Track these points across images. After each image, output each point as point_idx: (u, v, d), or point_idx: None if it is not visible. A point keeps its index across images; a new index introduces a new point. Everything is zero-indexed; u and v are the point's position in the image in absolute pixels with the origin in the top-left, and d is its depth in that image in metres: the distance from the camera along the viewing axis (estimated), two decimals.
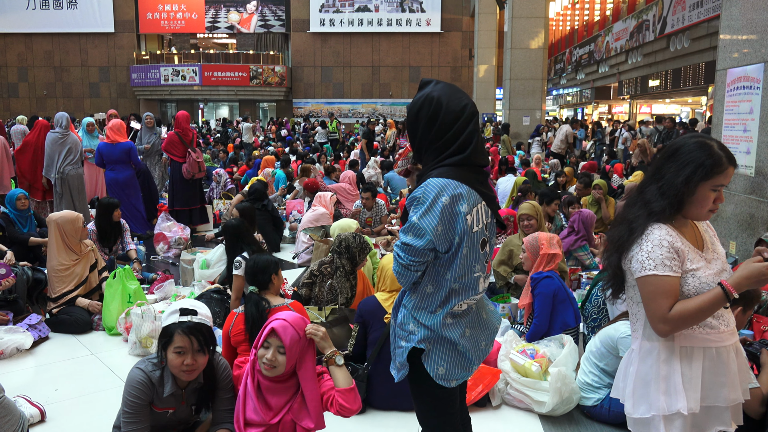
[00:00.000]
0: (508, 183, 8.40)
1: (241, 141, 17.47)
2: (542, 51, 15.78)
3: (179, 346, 2.50)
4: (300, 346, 2.49)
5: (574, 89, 29.43)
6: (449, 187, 1.95)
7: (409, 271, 2.02)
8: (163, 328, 2.56)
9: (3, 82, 30.81)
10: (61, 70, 30.61)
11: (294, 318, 2.55)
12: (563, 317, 3.90)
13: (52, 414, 3.37)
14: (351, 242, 4.36)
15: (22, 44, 30.33)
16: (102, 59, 30.48)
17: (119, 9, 29.90)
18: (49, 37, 30.15)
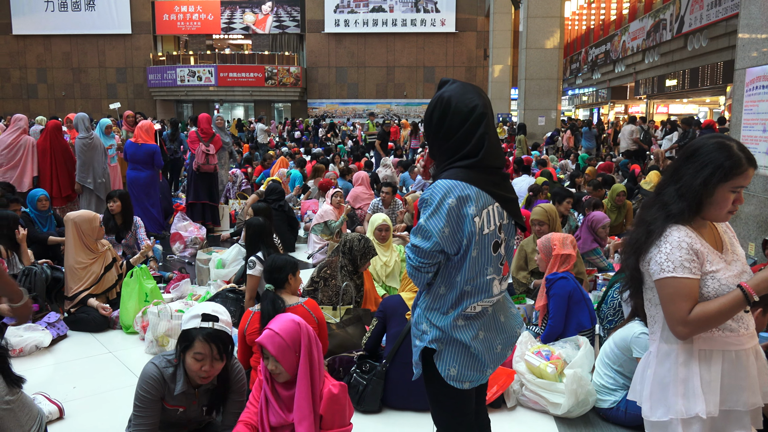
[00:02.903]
0: (523, 184, 8.36)
1: (255, 141, 17.54)
2: (558, 51, 15.68)
3: (199, 352, 2.52)
4: (292, 350, 2.52)
5: (589, 89, 29.23)
6: (456, 188, 1.94)
7: (420, 273, 2.03)
8: (184, 331, 2.57)
9: (23, 83, 31.21)
10: (80, 71, 30.95)
11: (283, 324, 2.56)
12: (578, 318, 3.88)
13: (70, 411, 3.41)
14: (355, 245, 4.38)
15: (41, 46, 30.71)
16: (119, 60, 30.78)
17: (136, 10, 30.17)
18: (68, 38, 30.50)
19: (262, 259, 4.32)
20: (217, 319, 2.58)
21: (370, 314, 4.27)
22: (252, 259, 4.39)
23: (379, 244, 5.37)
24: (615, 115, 26.37)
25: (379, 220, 5.43)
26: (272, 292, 3.37)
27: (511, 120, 22.14)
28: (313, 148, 16.52)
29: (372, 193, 8.51)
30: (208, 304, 2.68)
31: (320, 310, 3.50)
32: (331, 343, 3.77)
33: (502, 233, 2.06)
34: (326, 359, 3.71)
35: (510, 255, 2.16)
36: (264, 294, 3.37)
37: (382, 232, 5.39)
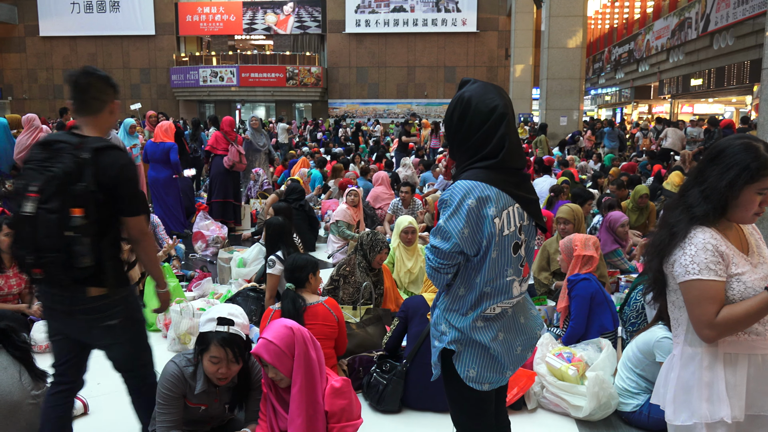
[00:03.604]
0: (544, 184, 8.29)
1: (276, 141, 17.64)
2: (580, 50, 15.53)
3: (214, 356, 2.56)
4: (288, 356, 2.56)
5: (613, 89, 28.92)
6: (476, 189, 1.93)
7: (439, 274, 2.03)
8: (201, 334, 2.62)
9: (49, 84, 31.77)
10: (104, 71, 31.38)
11: (276, 331, 2.60)
12: (601, 320, 3.84)
13: (94, 407, 3.47)
14: (364, 239, 4.42)
15: (67, 47, 31.23)
16: (143, 61, 31.17)
17: (160, 12, 30.53)
18: (93, 39, 30.96)
19: (282, 258, 4.35)
20: (233, 323, 2.61)
21: (390, 314, 4.28)
22: (272, 258, 4.42)
23: (405, 248, 5.22)
24: (638, 115, 26.05)
25: (405, 222, 5.26)
26: (293, 290, 3.39)
27: (533, 120, 21.98)
28: (334, 148, 16.56)
29: (392, 192, 8.52)
30: (224, 307, 2.70)
31: (340, 309, 3.51)
32: (351, 342, 3.78)
33: (523, 234, 2.05)
34: (346, 359, 3.72)
35: (530, 256, 2.15)
36: (284, 293, 3.40)
37: (408, 235, 5.22)
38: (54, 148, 2.37)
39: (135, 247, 2.56)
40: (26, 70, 31.68)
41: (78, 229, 2.28)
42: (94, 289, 2.41)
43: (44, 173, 2.31)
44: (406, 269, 5.17)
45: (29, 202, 2.28)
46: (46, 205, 2.27)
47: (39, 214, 2.27)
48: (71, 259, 2.29)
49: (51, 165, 2.32)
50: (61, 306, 2.43)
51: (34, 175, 2.32)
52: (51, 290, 2.42)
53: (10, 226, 2.49)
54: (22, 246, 2.33)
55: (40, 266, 2.31)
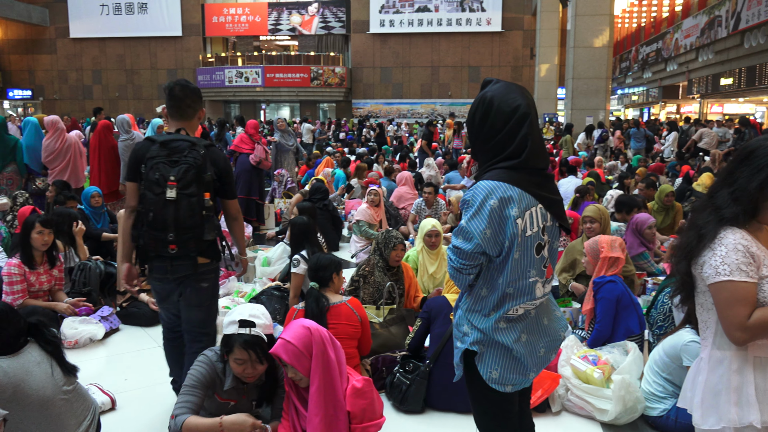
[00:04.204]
0: (569, 185, 8.22)
1: (301, 141, 17.75)
2: (607, 49, 15.36)
3: (238, 357, 2.61)
4: (306, 356, 2.57)
5: (640, 88, 28.55)
6: (498, 190, 1.92)
7: (461, 274, 2.03)
8: (224, 336, 2.66)
9: (79, 84, 32.38)
10: (132, 72, 31.92)
11: (294, 332, 2.62)
12: (627, 323, 3.79)
13: (121, 402, 3.53)
14: (379, 238, 4.42)
15: (96, 48, 31.80)
16: (170, 62, 31.59)
17: (186, 13, 30.91)
18: (121, 41, 31.48)
19: (306, 257, 4.37)
20: (254, 325, 2.63)
21: (413, 314, 4.28)
22: (296, 257, 4.45)
23: (428, 252, 5.10)
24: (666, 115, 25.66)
25: (429, 225, 5.07)
26: (316, 290, 3.41)
27: (558, 120, 21.78)
28: (357, 148, 16.59)
29: (416, 193, 8.51)
30: (246, 308, 2.73)
31: (363, 309, 3.52)
32: (374, 342, 3.78)
33: (546, 235, 2.03)
34: (369, 358, 3.73)
35: (554, 257, 2.13)
36: (308, 292, 3.42)
37: (432, 238, 5.05)
38: (172, 147, 2.83)
39: (232, 223, 3.18)
40: (57, 71, 32.34)
41: (209, 210, 2.85)
42: (201, 259, 2.94)
43: (177, 165, 2.77)
44: (429, 274, 5.08)
45: (171, 189, 2.75)
46: (186, 191, 2.76)
47: (180, 198, 2.76)
48: (202, 233, 2.83)
49: (180, 159, 2.79)
50: (173, 274, 2.91)
51: (167, 168, 2.77)
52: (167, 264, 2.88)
53: (149, 212, 2.82)
54: (162, 226, 2.78)
55: (177, 242, 2.79)
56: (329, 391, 2.58)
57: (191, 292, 2.99)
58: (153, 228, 2.80)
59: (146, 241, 2.87)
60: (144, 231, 2.85)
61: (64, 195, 6.08)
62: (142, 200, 2.87)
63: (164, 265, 2.90)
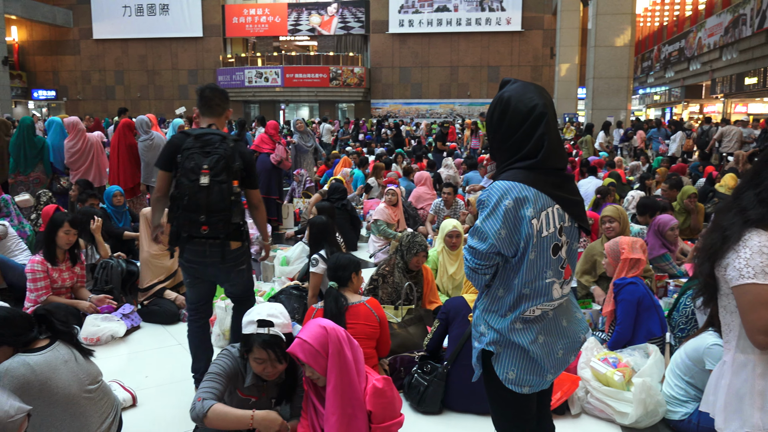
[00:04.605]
0: (589, 186, 8.14)
1: (320, 141, 17.81)
2: (628, 48, 15.19)
3: (258, 357, 2.63)
4: (323, 355, 2.58)
5: (662, 88, 28.21)
6: (513, 190, 1.92)
7: (476, 274, 2.03)
8: (243, 336, 2.68)
9: (101, 85, 32.81)
10: (154, 73, 32.26)
11: (311, 331, 2.62)
12: (648, 326, 3.75)
13: (142, 399, 3.57)
14: (402, 240, 4.41)
15: (119, 49, 32.19)
16: (191, 62, 31.88)
17: (207, 14, 31.17)
18: (143, 42, 31.84)
19: (325, 257, 4.38)
20: (273, 324, 2.65)
21: (431, 314, 4.27)
22: (315, 257, 4.46)
23: (449, 253, 5.07)
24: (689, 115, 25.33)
25: (450, 226, 5.02)
26: (335, 289, 3.42)
27: (578, 120, 21.60)
28: (376, 148, 16.61)
29: (434, 193, 8.50)
30: (264, 308, 2.75)
31: (382, 309, 3.52)
32: (393, 342, 3.78)
33: (564, 236, 2.02)
34: (387, 358, 3.73)
35: (573, 258, 2.11)
36: (327, 292, 3.43)
37: (453, 239, 5.00)
38: (205, 139, 3.16)
39: (254, 211, 3.47)
40: (80, 72, 32.80)
41: (236, 196, 3.16)
42: (234, 243, 3.25)
43: (210, 156, 3.10)
44: (449, 275, 5.05)
45: (204, 176, 3.07)
46: (217, 178, 3.08)
47: (212, 184, 3.07)
48: (230, 217, 3.13)
49: (212, 150, 3.12)
50: (211, 258, 3.23)
51: (201, 158, 3.10)
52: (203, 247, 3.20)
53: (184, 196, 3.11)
54: (195, 209, 3.09)
55: (208, 224, 3.11)
56: (346, 390, 2.59)
57: (235, 276, 3.36)
58: (187, 210, 3.10)
59: (180, 223, 3.15)
60: (179, 214, 3.14)
61: (86, 194, 6.16)
62: (178, 186, 3.14)
63: (201, 248, 3.20)
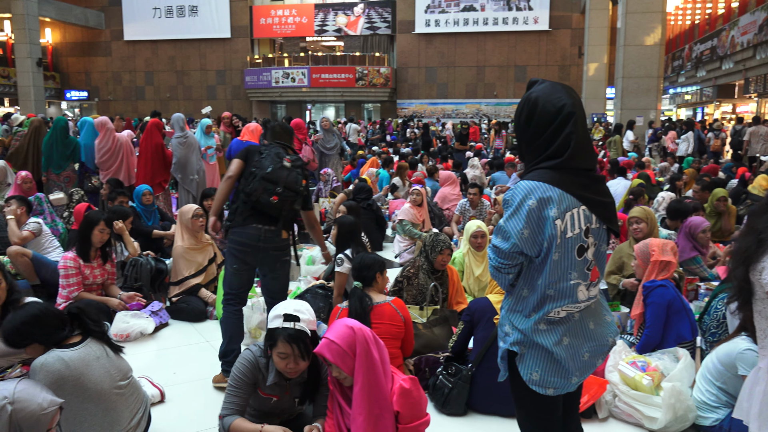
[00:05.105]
0: (618, 187, 8.03)
1: (347, 141, 17.86)
2: (659, 47, 14.94)
3: (282, 351, 2.63)
4: (350, 355, 2.57)
5: (693, 87, 27.68)
6: (537, 190, 1.91)
7: (500, 273, 2.03)
8: (269, 330, 2.69)
9: (132, 86, 33.36)
10: (183, 74, 32.70)
11: (338, 331, 2.62)
12: (678, 329, 3.68)
13: (170, 395, 3.62)
14: (426, 240, 4.40)
15: (149, 50, 32.70)
16: (219, 63, 32.23)
17: (235, 15, 31.47)
18: (172, 43, 32.28)
19: (351, 256, 4.40)
20: (299, 319, 2.66)
21: (457, 315, 4.25)
22: (340, 256, 4.48)
23: (475, 254, 5.04)
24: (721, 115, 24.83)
25: (474, 227, 5.00)
26: (360, 289, 3.42)
27: (606, 120, 21.32)
28: (402, 148, 16.60)
29: (460, 193, 8.46)
30: (291, 303, 2.76)
31: (407, 309, 3.51)
32: (418, 343, 3.78)
33: (590, 237, 1.99)
34: (412, 359, 3.73)
35: (601, 261, 2.08)
36: (352, 291, 3.43)
37: (478, 239, 4.98)
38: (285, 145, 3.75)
39: (312, 230, 4.05)
40: (111, 73, 33.39)
41: (304, 189, 3.64)
42: (285, 233, 3.66)
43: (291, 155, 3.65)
44: (475, 276, 5.02)
45: (288, 162, 3.55)
46: (296, 167, 3.59)
47: (291, 169, 3.55)
48: (295, 199, 3.56)
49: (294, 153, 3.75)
50: (265, 243, 3.58)
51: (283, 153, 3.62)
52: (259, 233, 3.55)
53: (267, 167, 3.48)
54: (275, 180, 3.46)
55: (279, 195, 3.47)
56: (373, 390, 2.59)
57: (279, 265, 3.70)
58: (267, 180, 3.47)
59: (255, 188, 3.47)
60: (254, 182, 3.48)
61: (116, 192, 6.27)
62: (259, 164, 3.51)
63: (256, 233, 3.54)
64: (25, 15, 25.91)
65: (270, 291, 3.78)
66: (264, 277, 3.76)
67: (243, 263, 3.63)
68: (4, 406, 1.93)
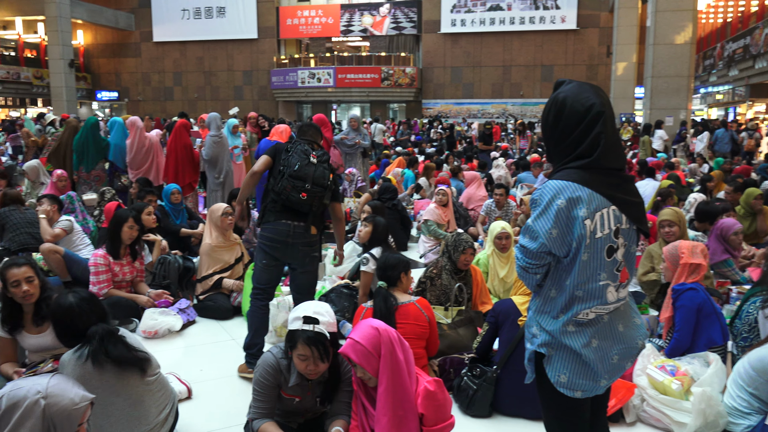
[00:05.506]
0: (647, 188, 7.91)
1: (373, 141, 17.87)
2: (689, 46, 14.67)
3: (301, 353, 2.64)
4: (374, 356, 2.58)
5: (725, 87, 27.14)
6: (567, 190, 1.89)
7: (527, 273, 2.02)
8: (289, 331, 2.70)
9: (161, 86, 33.84)
10: (210, 74, 33.06)
11: (363, 332, 2.63)
12: (709, 333, 3.60)
13: (197, 392, 3.66)
14: (448, 240, 4.37)
15: (177, 51, 33.13)
16: (246, 64, 32.51)
17: (262, 16, 31.72)
18: (200, 44, 32.65)
19: (376, 256, 4.40)
20: (318, 322, 2.66)
21: (482, 316, 4.23)
22: (365, 255, 4.49)
23: (499, 256, 4.99)
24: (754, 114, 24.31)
25: (498, 228, 4.96)
26: (385, 289, 3.42)
27: (635, 120, 21.01)
28: (427, 148, 16.56)
29: (486, 194, 8.42)
30: (310, 305, 2.76)
31: (431, 309, 3.50)
32: (442, 343, 3.77)
33: (620, 238, 1.97)
34: (437, 359, 3.72)
35: (631, 262, 2.05)
36: (376, 291, 3.43)
37: (502, 241, 4.94)
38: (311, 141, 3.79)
39: (338, 224, 3.99)
40: (141, 74, 33.92)
41: (332, 183, 3.69)
42: (314, 229, 3.72)
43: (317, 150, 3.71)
44: (500, 278, 4.98)
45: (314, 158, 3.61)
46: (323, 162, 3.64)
47: (318, 165, 3.61)
48: (324, 196, 3.63)
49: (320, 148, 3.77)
50: (293, 239, 3.66)
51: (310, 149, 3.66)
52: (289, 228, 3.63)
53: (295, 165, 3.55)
54: (303, 177, 3.54)
55: (307, 192, 3.55)
56: (398, 391, 2.59)
57: (309, 261, 3.76)
58: (295, 177, 3.54)
59: (284, 186, 3.55)
60: (282, 180, 3.56)
61: (144, 191, 6.37)
62: (285, 162, 3.58)
63: (286, 229, 3.63)
64: (57, 17, 26.49)
65: (298, 286, 3.85)
66: (293, 272, 3.84)
67: (272, 259, 3.72)
68: (37, 400, 1.97)
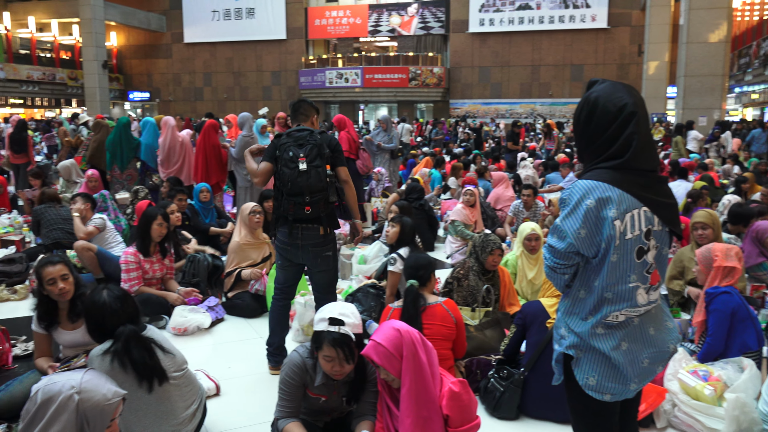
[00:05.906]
0: (679, 189, 7.77)
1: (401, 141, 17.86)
2: (724, 45, 14.37)
3: (327, 354, 2.65)
4: (397, 357, 2.57)
5: (761, 86, 26.49)
6: (596, 190, 1.87)
7: (555, 273, 2.00)
8: (314, 333, 2.72)
9: (191, 86, 34.33)
10: (239, 75, 33.44)
11: (385, 333, 2.62)
12: (743, 338, 3.52)
13: (225, 389, 3.70)
14: (476, 241, 4.34)
15: (207, 52, 33.58)
16: (274, 64, 32.80)
17: (290, 17, 31.97)
18: (230, 45, 33.05)
19: (404, 256, 4.40)
20: (343, 323, 2.66)
21: (509, 318, 4.20)
22: (393, 255, 4.49)
23: (528, 257, 4.93)
24: None
25: (528, 229, 4.89)
26: (415, 288, 3.41)
27: (667, 120, 20.64)
28: (454, 148, 16.50)
29: (513, 194, 8.35)
30: (336, 307, 2.77)
31: (458, 311, 3.49)
32: (469, 345, 3.74)
33: (652, 239, 1.93)
34: (464, 360, 3.70)
35: (662, 264, 2.01)
36: (407, 290, 3.42)
37: (532, 242, 4.86)
38: (297, 135, 3.66)
39: (345, 185, 3.78)
40: (172, 75, 34.46)
41: (331, 177, 3.64)
42: (322, 229, 3.69)
43: (304, 146, 3.59)
44: (528, 279, 4.92)
45: (303, 163, 3.54)
46: (313, 163, 3.55)
47: (310, 169, 3.54)
48: (328, 196, 3.61)
49: (305, 142, 3.61)
50: (302, 240, 3.68)
51: (297, 149, 3.58)
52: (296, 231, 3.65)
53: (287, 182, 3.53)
54: (299, 192, 3.54)
55: (310, 204, 3.56)
56: (421, 392, 2.58)
57: (321, 261, 3.76)
58: (291, 194, 3.56)
59: (285, 208, 3.60)
60: (284, 200, 3.60)
61: (175, 190, 6.46)
62: (280, 177, 3.59)
63: (294, 231, 3.66)
64: (92, 19, 27.08)
65: (316, 285, 3.90)
66: (309, 272, 3.90)
67: (286, 260, 3.82)
68: (71, 395, 2.01)
